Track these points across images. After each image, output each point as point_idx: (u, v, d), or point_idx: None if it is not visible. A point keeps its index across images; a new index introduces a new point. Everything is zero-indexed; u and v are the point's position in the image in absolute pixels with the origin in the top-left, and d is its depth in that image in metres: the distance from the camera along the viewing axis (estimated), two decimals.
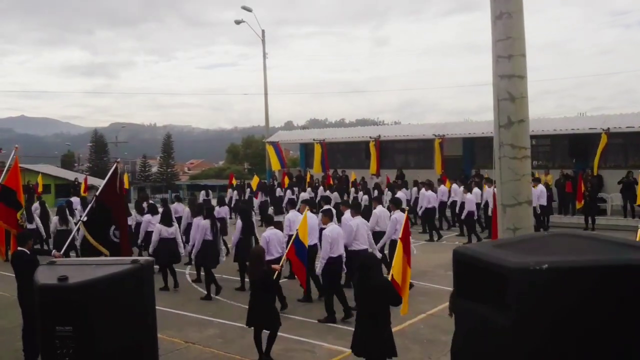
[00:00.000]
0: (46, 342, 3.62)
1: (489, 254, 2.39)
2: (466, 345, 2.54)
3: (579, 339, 2.14)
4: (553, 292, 2.14)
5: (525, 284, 2.16)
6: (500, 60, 5.92)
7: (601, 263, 2.22)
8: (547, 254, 2.31)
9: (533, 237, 2.89)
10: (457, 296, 2.56)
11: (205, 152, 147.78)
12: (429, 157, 26.73)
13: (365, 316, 6.46)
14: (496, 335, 2.26)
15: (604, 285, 2.16)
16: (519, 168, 5.96)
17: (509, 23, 5.84)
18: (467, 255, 2.54)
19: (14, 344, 8.67)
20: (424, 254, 15.52)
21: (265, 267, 8.31)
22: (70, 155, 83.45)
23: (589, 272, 2.17)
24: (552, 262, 2.17)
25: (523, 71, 5.95)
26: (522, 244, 2.62)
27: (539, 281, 2.15)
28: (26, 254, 7.87)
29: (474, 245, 2.68)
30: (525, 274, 2.16)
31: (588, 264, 2.21)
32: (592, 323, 2.15)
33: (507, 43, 5.86)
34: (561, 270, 2.17)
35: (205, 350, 8.51)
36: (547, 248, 2.50)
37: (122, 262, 3.94)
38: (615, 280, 2.16)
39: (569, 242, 2.61)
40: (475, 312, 2.45)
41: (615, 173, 21.20)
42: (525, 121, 5.99)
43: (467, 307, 2.51)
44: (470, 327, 2.49)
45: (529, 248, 2.50)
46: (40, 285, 3.62)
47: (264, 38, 34.09)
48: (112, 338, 3.63)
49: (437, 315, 9.87)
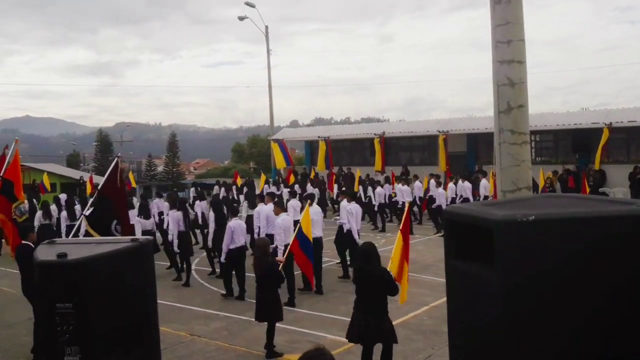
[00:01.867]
0: (46, 319, 3.65)
1: (478, 210, 2.41)
2: (458, 305, 2.56)
3: (566, 290, 2.17)
4: (540, 244, 2.16)
5: (512, 237, 2.17)
6: (499, 45, 5.93)
7: (591, 215, 2.24)
8: (537, 209, 2.33)
9: (522, 197, 2.93)
10: (447, 256, 2.59)
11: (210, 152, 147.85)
12: (433, 153, 26.77)
13: (363, 305, 6.51)
14: (485, 292, 2.28)
15: (594, 236, 2.18)
16: (518, 154, 5.97)
17: (508, 8, 5.85)
18: (456, 213, 2.57)
19: (19, 338, 8.76)
20: (428, 248, 15.60)
21: (271, 259, 8.36)
22: (75, 155, 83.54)
23: (579, 224, 2.20)
24: (538, 214, 2.19)
25: (522, 56, 5.95)
26: (513, 202, 2.66)
27: (526, 233, 2.17)
28: (30, 246, 7.87)
29: (464, 204, 2.72)
30: (512, 226, 2.18)
31: (577, 216, 2.23)
32: (579, 274, 2.17)
33: (506, 28, 5.87)
34: (548, 222, 2.19)
35: (211, 342, 8.57)
36: (535, 205, 2.53)
37: (122, 240, 3.98)
38: (601, 230, 2.19)
39: (556, 201, 2.63)
40: (465, 271, 2.47)
41: (617, 168, 21.27)
42: (525, 106, 6.00)
43: (457, 266, 2.54)
44: (460, 286, 2.52)
45: (519, 205, 2.53)
46: (40, 262, 3.64)
47: (268, 34, 34.13)
48: (111, 315, 3.66)
49: (441, 307, 9.90)
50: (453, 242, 2.58)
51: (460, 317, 2.51)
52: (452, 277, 2.58)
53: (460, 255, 2.51)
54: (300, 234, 9.98)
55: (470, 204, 2.67)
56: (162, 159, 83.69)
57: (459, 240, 2.54)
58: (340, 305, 10.04)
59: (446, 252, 2.61)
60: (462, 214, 2.49)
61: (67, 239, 4.78)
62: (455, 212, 2.57)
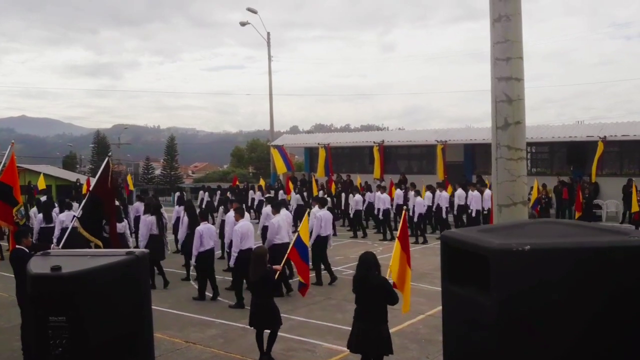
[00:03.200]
0: (39, 333, 3.62)
1: (474, 237, 2.43)
2: (453, 328, 2.58)
3: (559, 318, 2.19)
4: (535, 273, 2.19)
5: (508, 265, 2.20)
6: (498, 62, 5.97)
7: (582, 245, 2.26)
8: (530, 237, 2.35)
9: (517, 223, 2.95)
10: (444, 280, 2.62)
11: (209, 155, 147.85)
12: (431, 162, 26.94)
13: (363, 314, 6.54)
14: (481, 318, 2.30)
15: (585, 266, 2.20)
16: (514, 169, 6.02)
17: (508, 26, 5.90)
18: (453, 239, 2.58)
19: (11, 343, 8.69)
20: (424, 257, 15.64)
21: (267, 267, 8.37)
22: (72, 156, 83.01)
23: (570, 254, 2.22)
24: (534, 244, 2.22)
25: (520, 74, 6.00)
26: (506, 229, 2.68)
27: (521, 262, 2.19)
28: (24, 251, 7.82)
29: (460, 230, 2.74)
30: (507, 254, 2.21)
31: (571, 246, 2.25)
32: (574, 304, 2.20)
33: (505, 46, 5.92)
34: (543, 252, 2.21)
35: (206, 350, 8.53)
36: (530, 232, 2.55)
37: (117, 253, 3.96)
38: (595, 261, 2.21)
39: (552, 228, 2.65)
40: (461, 296, 2.49)
41: (611, 180, 21.86)
42: (522, 123, 6.05)
43: (454, 291, 2.55)
44: (456, 310, 2.53)
45: (512, 232, 2.55)
46: (33, 274, 3.62)
47: (269, 40, 34.23)
48: (106, 328, 3.64)
49: (436, 316, 9.91)
50: (449, 267, 2.60)
51: (455, 339, 2.53)
52: (448, 300, 2.61)
53: (457, 280, 2.53)
54: (299, 242, 9.97)
55: (466, 230, 2.70)
56: (160, 162, 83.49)
57: (455, 265, 2.56)
58: (336, 313, 10.05)
59: (443, 275, 2.64)
60: (459, 240, 2.52)
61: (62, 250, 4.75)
62: (452, 237, 2.59)
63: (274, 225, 11.73)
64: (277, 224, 11.74)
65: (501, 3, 5.90)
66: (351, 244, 18.61)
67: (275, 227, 11.70)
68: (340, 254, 16.35)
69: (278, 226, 11.71)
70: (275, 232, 11.67)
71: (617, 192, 20.97)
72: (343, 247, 17.84)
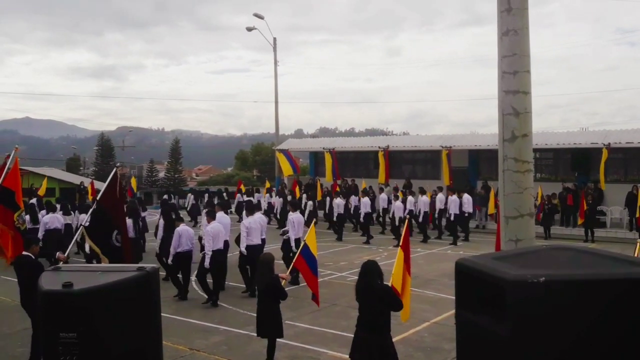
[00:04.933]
0: (49, 348, 3.64)
1: (489, 266, 2.45)
2: (466, 356, 2.59)
3: (574, 349, 2.19)
4: (550, 304, 2.20)
5: (523, 296, 2.21)
6: (505, 76, 6.00)
7: (598, 277, 2.27)
8: (545, 267, 2.36)
9: (532, 250, 2.95)
10: (458, 307, 2.63)
11: (213, 158, 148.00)
12: (436, 167, 26.96)
13: (366, 323, 6.52)
14: (495, 346, 2.31)
15: (600, 298, 2.21)
16: (521, 181, 6.04)
17: (515, 40, 5.93)
18: (467, 267, 2.60)
19: (14, 349, 8.69)
20: (429, 263, 15.58)
21: (274, 275, 8.34)
22: (75, 158, 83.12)
23: (586, 286, 2.23)
24: (549, 275, 2.23)
25: (527, 87, 6.02)
26: (521, 257, 2.67)
27: (536, 293, 2.20)
28: (31, 258, 7.86)
29: (475, 258, 2.77)
30: (522, 286, 2.22)
31: (585, 278, 2.26)
32: (588, 335, 2.20)
33: (512, 59, 5.94)
34: (558, 284, 2.23)
35: (210, 357, 8.54)
36: (545, 261, 2.56)
37: (128, 269, 3.98)
38: (611, 293, 2.21)
39: (567, 256, 2.66)
40: (475, 323, 2.50)
41: (615, 187, 21.83)
42: (529, 136, 6.07)
43: (468, 318, 2.56)
44: (470, 338, 2.54)
45: (527, 261, 2.56)
46: (45, 291, 3.64)
47: (275, 45, 34.29)
48: (116, 344, 3.65)
49: (441, 323, 9.91)
50: (464, 294, 2.61)
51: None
52: (462, 327, 2.61)
53: (471, 307, 2.54)
54: (305, 251, 9.95)
55: (479, 258, 2.72)
56: (164, 165, 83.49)
57: (469, 292, 2.57)
58: (341, 321, 10.03)
59: (457, 302, 2.65)
60: (475, 268, 2.53)
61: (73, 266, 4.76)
62: (466, 265, 2.60)
63: (244, 227, 12.41)
64: (248, 226, 12.40)
65: (509, 17, 5.92)
66: (355, 250, 18.64)
67: (245, 229, 12.39)
68: (344, 260, 16.36)
69: (250, 228, 12.35)
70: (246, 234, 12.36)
71: (621, 199, 21.00)
72: (347, 253, 17.84)
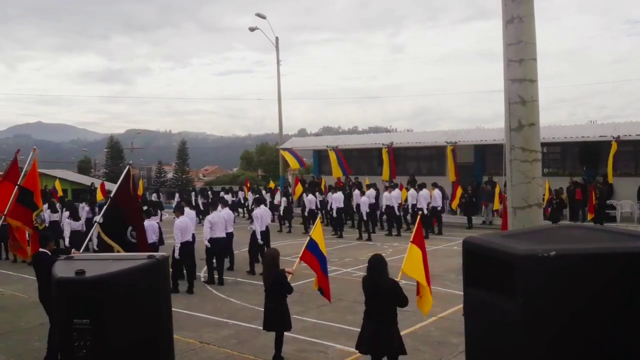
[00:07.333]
0: (63, 335, 3.70)
1: (498, 243, 2.43)
2: (476, 332, 2.59)
3: (586, 325, 2.19)
4: (560, 279, 2.18)
5: (533, 271, 2.19)
6: (511, 64, 5.96)
7: (610, 251, 2.25)
8: (555, 243, 2.35)
9: (541, 228, 2.93)
10: (466, 286, 2.62)
11: (219, 159, 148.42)
12: (441, 163, 26.80)
13: (372, 315, 6.55)
14: (505, 322, 2.31)
15: (611, 272, 2.19)
16: (529, 171, 6.00)
17: (520, 27, 5.89)
18: (475, 245, 2.58)
19: (31, 343, 8.82)
20: (435, 258, 15.55)
21: (279, 270, 8.36)
22: (86, 161, 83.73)
23: (596, 260, 2.21)
24: (559, 250, 2.21)
25: (534, 75, 5.98)
26: (530, 234, 2.65)
27: (546, 268, 2.19)
28: (47, 254, 7.97)
29: (483, 236, 2.75)
30: (533, 261, 2.19)
31: (595, 252, 2.24)
32: (598, 310, 2.20)
33: (518, 47, 5.91)
34: (569, 257, 2.21)
35: (220, 350, 8.60)
36: (555, 237, 2.54)
37: (138, 257, 4.02)
38: (621, 267, 2.20)
39: (574, 233, 2.65)
40: (484, 300, 2.50)
41: (625, 180, 21.54)
42: (536, 124, 6.03)
43: (476, 296, 2.56)
44: (479, 315, 2.54)
45: (536, 237, 2.53)
46: (58, 278, 3.69)
47: (278, 45, 34.29)
48: (128, 331, 3.70)
49: (448, 318, 9.92)
50: (471, 272, 2.60)
51: (478, 344, 2.54)
52: (470, 304, 2.60)
53: (479, 284, 2.53)
54: (313, 246, 9.93)
55: (489, 236, 2.70)
56: (172, 166, 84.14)
57: (477, 269, 2.55)
58: (347, 315, 10.05)
59: (465, 280, 2.63)
60: (483, 245, 2.51)
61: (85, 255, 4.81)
62: (474, 243, 2.58)
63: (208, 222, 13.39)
64: (212, 220, 13.38)
65: (514, 4, 5.89)
66: (360, 246, 18.61)
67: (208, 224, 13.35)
68: (349, 256, 16.38)
69: (213, 223, 13.31)
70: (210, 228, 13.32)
71: (631, 193, 20.81)
72: (352, 249, 17.84)
